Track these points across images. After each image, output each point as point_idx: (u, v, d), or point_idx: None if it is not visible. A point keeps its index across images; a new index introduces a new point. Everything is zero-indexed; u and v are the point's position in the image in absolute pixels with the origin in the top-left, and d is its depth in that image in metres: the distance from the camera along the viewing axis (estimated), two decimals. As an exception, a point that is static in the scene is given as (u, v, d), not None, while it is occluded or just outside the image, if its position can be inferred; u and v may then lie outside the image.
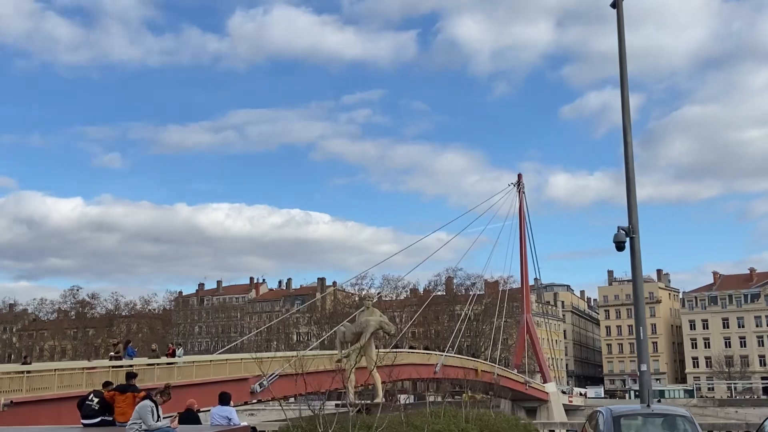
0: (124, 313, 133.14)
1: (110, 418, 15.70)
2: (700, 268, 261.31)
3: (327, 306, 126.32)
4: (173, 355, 36.33)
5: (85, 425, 15.69)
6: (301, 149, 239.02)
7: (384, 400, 18.30)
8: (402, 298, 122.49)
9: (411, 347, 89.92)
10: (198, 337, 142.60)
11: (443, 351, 65.98)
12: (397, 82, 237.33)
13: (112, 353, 34.21)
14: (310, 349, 55.21)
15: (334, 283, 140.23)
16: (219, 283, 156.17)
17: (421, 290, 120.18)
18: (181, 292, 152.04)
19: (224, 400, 16.54)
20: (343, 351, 20.04)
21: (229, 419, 15.91)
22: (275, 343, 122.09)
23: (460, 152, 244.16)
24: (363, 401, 16.01)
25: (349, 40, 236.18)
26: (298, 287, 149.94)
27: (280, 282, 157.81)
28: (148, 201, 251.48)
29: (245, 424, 17.33)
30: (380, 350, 28.47)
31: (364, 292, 28.57)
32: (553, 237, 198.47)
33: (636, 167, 19.27)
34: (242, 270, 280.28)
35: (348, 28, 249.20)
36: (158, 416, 12.75)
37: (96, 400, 15.83)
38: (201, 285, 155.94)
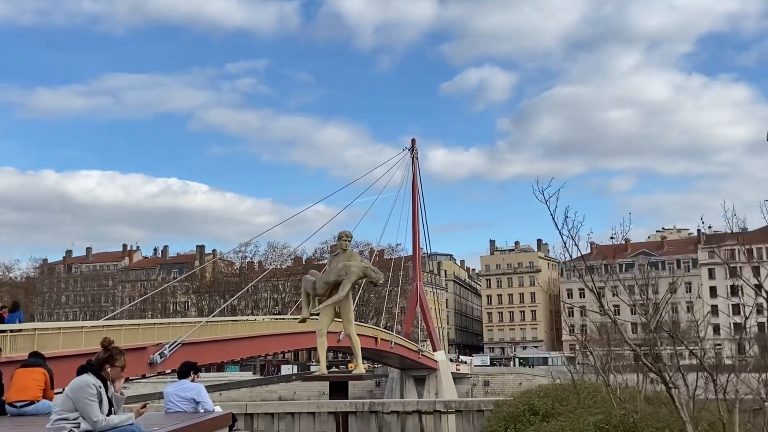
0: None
1: None
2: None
3: (207, 275, 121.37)
4: (2, 321, 29.18)
5: None
6: (180, 117, 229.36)
7: (365, 370, 14.59)
8: (285, 267, 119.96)
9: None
10: (65, 307, 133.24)
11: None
12: (281, 52, 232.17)
13: None
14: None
15: (214, 251, 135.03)
16: (89, 250, 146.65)
17: (305, 259, 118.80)
18: (46, 260, 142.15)
19: (185, 372, 11.13)
20: (311, 307, 15.94)
21: (197, 402, 10.71)
22: (150, 313, 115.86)
23: (342, 125, 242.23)
24: (340, 371, 12.24)
25: (232, 7, 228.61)
26: (175, 255, 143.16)
27: (155, 250, 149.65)
28: (12, 167, 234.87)
29: (218, 408, 11.31)
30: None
31: (339, 231, 22.53)
32: (430, 209, 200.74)
33: (507, 144, 16.01)
34: (114, 239, 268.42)
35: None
36: (109, 402, 7.32)
37: None
38: (68, 252, 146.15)
